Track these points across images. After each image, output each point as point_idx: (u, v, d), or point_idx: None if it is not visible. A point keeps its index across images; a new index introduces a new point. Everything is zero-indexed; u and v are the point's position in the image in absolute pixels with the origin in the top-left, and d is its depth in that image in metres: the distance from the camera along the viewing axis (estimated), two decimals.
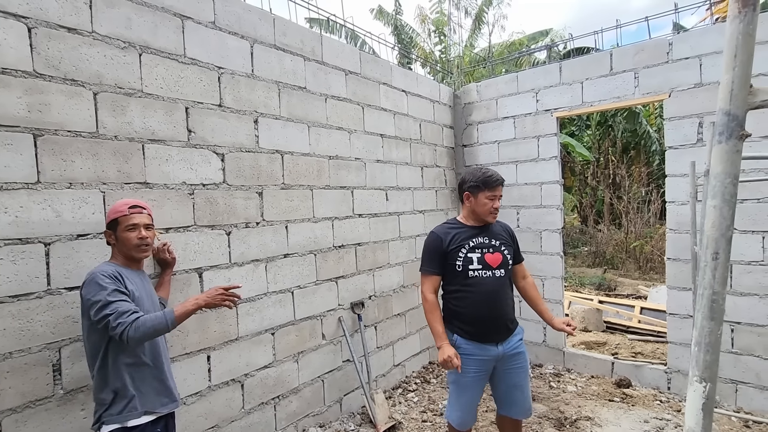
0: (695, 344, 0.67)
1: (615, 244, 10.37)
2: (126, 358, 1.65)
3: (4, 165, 1.78)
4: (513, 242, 2.35)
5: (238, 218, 2.66)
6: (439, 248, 2.22)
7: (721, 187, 0.63)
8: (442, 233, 2.25)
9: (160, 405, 1.73)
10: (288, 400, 2.95)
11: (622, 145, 12.20)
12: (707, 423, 0.67)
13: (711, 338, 0.65)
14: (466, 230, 2.24)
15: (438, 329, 2.17)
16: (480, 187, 2.19)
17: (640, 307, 5.63)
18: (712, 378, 0.66)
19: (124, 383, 1.64)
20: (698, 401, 0.66)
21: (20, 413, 1.80)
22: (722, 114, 0.63)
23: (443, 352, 2.09)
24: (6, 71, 1.78)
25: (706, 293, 0.65)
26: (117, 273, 1.66)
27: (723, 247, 0.63)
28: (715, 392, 0.67)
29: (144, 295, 1.76)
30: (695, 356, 0.67)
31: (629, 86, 3.72)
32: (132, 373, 1.66)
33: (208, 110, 2.52)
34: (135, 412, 1.64)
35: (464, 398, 2.19)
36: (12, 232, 1.79)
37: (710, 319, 0.65)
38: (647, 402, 3.43)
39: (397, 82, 4.03)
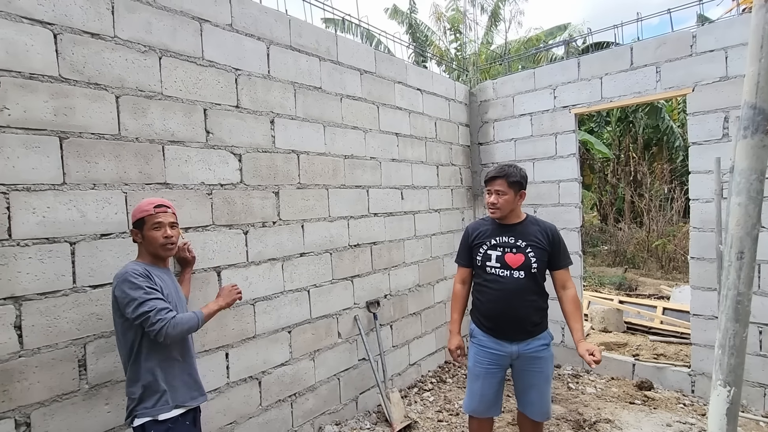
0: (719, 347, 0.65)
1: (636, 242, 10.12)
2: (158, 355, 1.70)
3: (32, 167, 1.84)
4: (551, 245, 2.17)
5: (255, 218, 2.69)
6: (466, 242, 2.35)
7: (747, 183, 0.60)
8: (471, 228, 2.37)
9: (190, 398, 1.79)
10: (304, 398, 2.98)
11: (643, 141, 11.89)
12: (732, 428, 0.65)
13: (735, 341, 0.63)
14: (492, 227, 2.26)
15: (453, 316, 2.38)
16: (484, 183, 2.27)
17: (662, 308, 5.48)
18: (737, 382, 0.64)
19: (155, 378, 1.69)
20: (722, 406, 0.64)
21: (48, 407, 1.86)
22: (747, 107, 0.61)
23: (450, 341, 2.35)
24: (33, 76, 1.84)
25: (731, 294, 0.63)
26: (146, 271, 1.70)
27: (748, 245, 0.60)
28: (740, 397, 0.65)
29: (172, 292, 1.80)
30: (719, 359, 0.65)
31: (650, 81, 3.62)
32: (164, 368, 1.71)
33: (226, 111, 2.56)
34: (166, 406, 1.69)
35: (476, 387, 2.25)
36: (40, 231, 1.85)
37: (735, 320, 0.63)
38: (670, 405, 3.34)
39: (412, 80, 4.01)
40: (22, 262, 1.80)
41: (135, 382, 1.69)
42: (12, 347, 1.78)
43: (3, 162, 1.76)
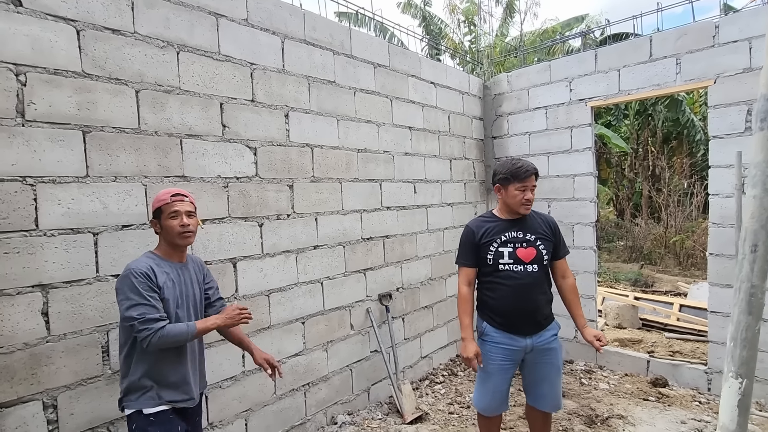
0: (731, 339, 0.65)
1: (653, 238, 9.94)
2: (150, 356, 1.67)
3: (57, 160, 1.91)
4: (554, 236, 2.25)
5: (269, 210, 2.74)
6: (472, 241, 2.23)
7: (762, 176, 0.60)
8: (475, 226, 2.26)
9: (177, 398, 1.73)
10: (317, 388, 3.04)
11: (662, 135, 11.62)
12: (743, 420, 0.65)
13: (748, 333, 0.63)
14: (499, 224, 2.22)
15: (465, 321, 2.19)
16: (509, 179, 2.16)
17: (679, 305, 5.39)
18: (749, 374, 0.64)
19: (144, 375, 1.67)
20: (733, 398, 0.65)
21: (74, 390, 1.94)
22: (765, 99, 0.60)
23: (467, 349, 2.14)
24: (58, 72, 1.90)
25: (744, 287, 0.63)
26: (150, 269, 1.67)
27: (763, 239, 0.60)
28: (751, 389, 0.65)
29: (180, 289, 1.76)
30: (731, 352, 0.65)
31: (670, 73, 3.54)
32: (154, 367, 1.68)
33: (242, 105, 2.60)
34: (151, 402, 1.68)
35: (489, 384, 2.22)
36: (65, 222, 1.92)
37: (748, 313, 0.63)
38: (685, 402, 3.30)
39: (425, 74, 4.00)
40: (49, 251, 1.88)
41: (124, 377, 1.70)
42: (40, 333, 1.85)
43: (30, 155, 1.83)
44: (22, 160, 1.81)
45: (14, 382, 1.79)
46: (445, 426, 3.10)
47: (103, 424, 2.02)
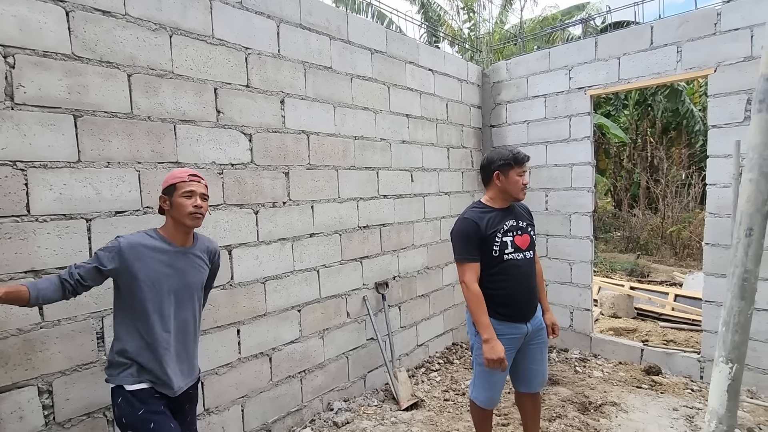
0: (723, 324, 0.65)
1: (650, 229, 9.97)
2: (129, 334, 1.66)
3: (48, 145, 1.88)
4: (533, 222, 2.34)
5: (265, 198, 2.72)
6: (477, 233, 2.10)
7: (759, 159, 0.59)
8: (476, 218, 2.15)
9: (156, 382, 1.69)
10: (314, 375, 3.05)
11: (661, 125, 11.58)
12: (732, 405, 0.65)
13: (740, 318, 0.63)
14: (497, 213, 2.18)
15: (485, 321, 2.05)
16: (510, 164, 2.13)
17: (674, 294, 5.43)
18: (740, 359, 0.64)
19: (124, 351, 1.66)
20: (723, 382, 0.64)
21: (69, 376, 1.95)
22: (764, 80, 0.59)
23: (495, 350, 2.00)
24: (47, 54, 1.87)
25: (738, 271, 0.62)
26: (128, 248, 1.62)
27: (758, 222, 0.59)
28: (741, 374, 0.65)
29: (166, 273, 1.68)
30: (722, 336, 0.65)
31: (671, 61, 3.51)
32: (134, 346, 1.66)
33: (236, 91, 2.56)
34: (130, 378, 1.65)
35: (495, 378, 2.19)
36: (57, 208, 1.90)
37: (740, 298, 0.62)
38: (677, 390, 3.34)
39: (423, 60, 3.95)
40: (41, 237, 1.86)
41: (112, 347, 1.70)
42: (33, 318, 1.85)
43: (20, 139, 1.80)
44: (11, 144, 1.78)
45: (8, 368, 1.79)
46: (440, 412, 3.13)
47: (99, 409, 2.03)
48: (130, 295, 1.65)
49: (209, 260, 1.88)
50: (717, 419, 0.66)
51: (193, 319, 1.79)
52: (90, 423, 2.01)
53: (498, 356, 1.99)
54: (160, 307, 1.67)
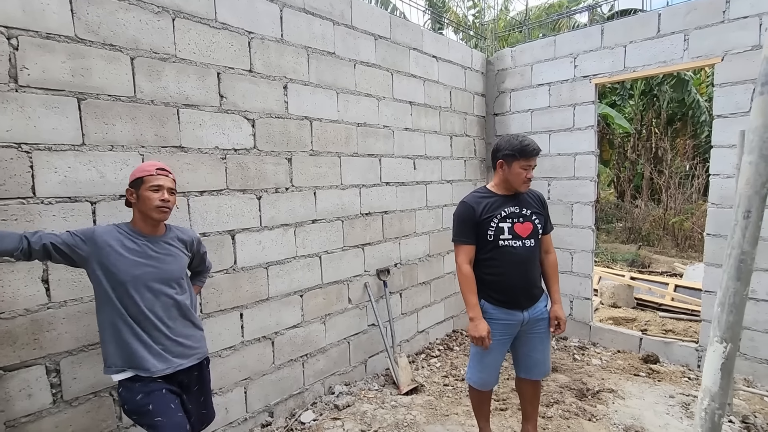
0: (719, 304, 0.66)
1: (652, 220, 9.95)
2: (108, 327, 1.68)
3: (53, 127, 1.89)
4: (544, 211, 2.29)
5: (268, 183, 2.73)
6: (472, 217, 2.17)
7: (760, 141, 0.59)
8: (473, 202, 2.21)
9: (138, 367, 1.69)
10: (315, 359, 3.10)
11: (667, 116, 11.47)
12: (725, 383, 0.66)
13: (735, 299, 0.64)
14: (497, 199, 2.20)
15: (472, 300, 2.15)
16: (515, 156, 2.13)
17: (674, 285, 5.45)
18: (734, 339, 0.65)
19: (104, 338, 1.70)
20: (717, 361, 0.66)
21: (75, 356, 1.99)
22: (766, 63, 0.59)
23: (478, 328, 2.10)
24: (50, 36, 1.86)
25: (734, 253, 0.63)
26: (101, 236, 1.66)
27: (756, 204, 0.60)
28: (735, 353, 0.66)
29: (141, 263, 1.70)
30: (717, 316, 0.66)
31: (677, 49, 3.47)
32: (113, 330, 1.68)
33: (239, 75, 2.55)
34: (113, 368, 1.69)
35: (487, 360, 2.25)
36: (62, 190, 1.92)
37: (736, 279, 0.63)
38: (674, 378, 3.38)
39: (427, 47, 3.92)
40: (47, 219, 1.88)
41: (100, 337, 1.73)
42: (41, 299, 1.88)
43: (24, 121, 1.81)
44: (16, 127, 1.79)
45: (17, 347, 1.82)
46: (440, 397, 3.19)
47: (105, 388, 2.08)
48: (103, 287, 1.67)
49: (187, 248, 1.91)
50: (710, 397, 0.68)
51: (176, 304, 1.79)
52: (96, 402, 2.05)
53: (479, 335, 2.10)
54: (134, 297, 1.67)
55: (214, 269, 2.48)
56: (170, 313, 1.78)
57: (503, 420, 2.84)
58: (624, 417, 2.84)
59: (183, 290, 1.85)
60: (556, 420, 2.80)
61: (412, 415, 2.91)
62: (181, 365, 1.78)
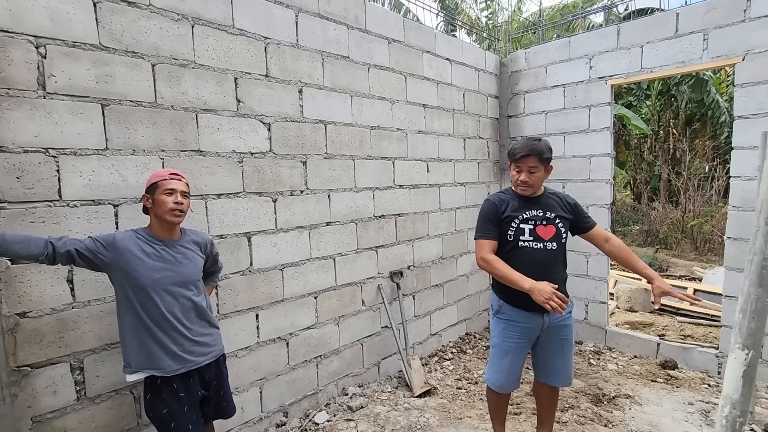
0: (740, 311, 0.66)
1: (670, 222, 9.75)
2: (129, 319, 1.75)
3: (78, 132, 1.95)
4: (573, 213, 2.24)
5: (283, 186, 2.77)
6: (495, 215, 2.19)
7: None
8: (497, 201, 2.23)
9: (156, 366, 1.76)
10: (329, 360, 3.12)
11: (685, 116, 11.24)
12: (747, 390, 0.66)
13: (758, 305, 0.63)
14: (519, 201, 2.21)
15: (515, 275, 2.02)
16: (509, 159, 2.20)
17: (693, 289, 5.34)
18: (755, 345, 0.65)
19: (125, 340, 1.78)
20: (739, 368, 0.66)
21: (98, 354, 2.04)
22: None
23: (543, 291, 1.90)
24: (76, 44, 1.93)
25: (756, 259, 0.63)
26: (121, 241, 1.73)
27: None
28: (757, 360, 0.66)
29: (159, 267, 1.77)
30: (739, 323, 0.66)
31: (696, 49, 3.41)
32: (134, 332, 1.76)
33: (256, 80, 2.60)
34: (129, 368, 1.77)
35: (505, 362, 2.23)
36: (86, 193, 1.98)
37: (758, 285, 0.63)
38: (694, 385, 3.31)
39: (441, 50, 3.92)
40: (72, 221, 1.94)
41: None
42: (65, 299, 1.94)
43: (52, 127, 1.88)
44: (44, 132, 1.86)
45: (43, 345, 1.88)
46: (453, 400, 3.18)
47: (125, 387, 2.13)
48: (124, 291, 1.74)
49: (202, 251, 1.97)
50: (731, 404, 0.67)
51: (194, 306, 1.86)
52: (118, 399, 2.11)
53: (548, 295, 1.88)
54: (155, 299, 1.74)
55: (231, 271, 2.53)
56: (189, 315, 1.84)
57: (517, 424, 2.82)
58: (641, 423, 2.79)
59: (199, 291, 1.92)
60: (571, 425, 2.77)
61: (425, 418, 2.91)
62: (197, 363, 1.85)
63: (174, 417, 1.76)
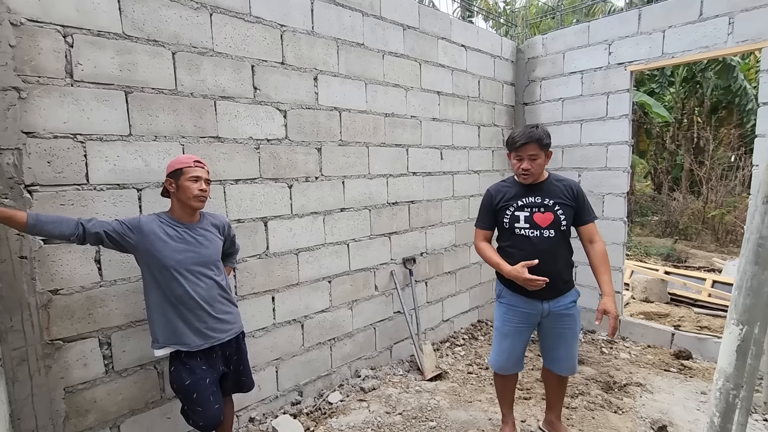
0: (736, 288, 0.68)
1: (691, 213, 9.53)
2: (154, 298, 1.87)
3: (103, 119, 2.03)
4: (576, 201, 2.20)
5: (298, 172, 2.83)
6: (490, 205, 2.29)
7: None
8: (494, 191, 2.30)
9: (182, 342, 1.88)
10: (342, 343, 3.21)
11: (710, 104, 10.87)
12: (740, 364, 0.68)
13: (753, 282, 0.65)
14: (517, 189, 2.22)
15: (497, 259, 2.20)
16: (508, 148, 2.19)
17: (712, 280, 5.25)
18: (750, 321, 0.67)
19: (151, 317, 1.90)
20: (733, 343, 0.68)
21: (124, 331, 2.15)
22: None
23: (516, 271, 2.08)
24: (101, 33, 2.00)
25: (753, 238, 0.64)
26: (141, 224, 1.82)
27: None
28: (751, 336, 0.68)
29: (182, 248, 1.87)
30: (734, 300, 0.68)
31: (721, 33, 3.31)
32: (160, 310, 1.87)
33: (272, 68, 2.64)
34: (157, 344, 1.90)
35: (504, 344, 2.29)
36: (112, 178, 2.07)
37: (754, 263, 0.65)
38: (707, 375, 3.29)
39: (456, 36, 3.89)
40: (99, 204, 2.04)
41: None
42: (94, 278, 2.05)
43: (79, 114, 1.96)
44: (72, 119, 1.94)
45: (74, 320, 2.00)
46: (463, 384, 3.24)
47: (150, 362, 2.24)
48: (150, 271, 1.85)
49: (221, 233, 2.07)
50: (724, 377, 0.70)
51: (217, 285, 1.97)
52: (143, 374, 2.22)
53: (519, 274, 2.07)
54: (179, 279, 1.85)
55: (249, 254, 2.61)
56: (212, 293, 1.94)
57: (527, 408, 2.87)
58: (651, 411, 2.80)
59: (220, 272, 2.02)
60: (580, 411, 2.80)
61: (436, 400, 2.98)
62: (220, 339, 1.96)
63: (196, 388, 1.87)
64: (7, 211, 1.59)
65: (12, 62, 1.78)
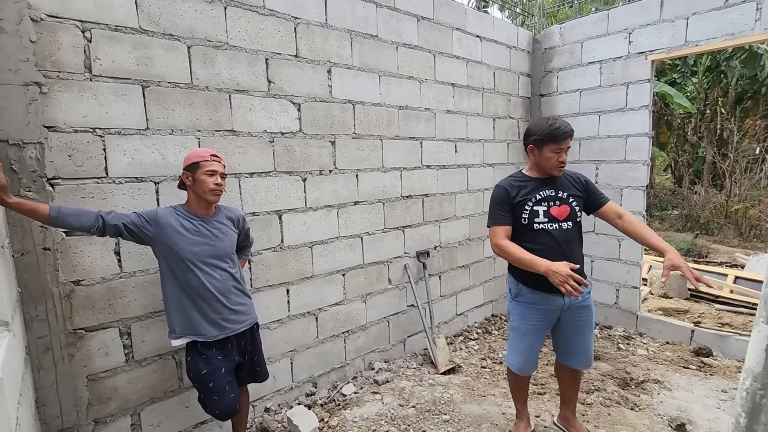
0: (765, 285, 0.65)
1: (713, 207, 9.27)
2: (172, 289, 1.91)
3: (121, 113, 2.06)
4: (585, 191, 2.21)
5: (312, 166, 2.83)
6: (506, 200, 2.17)
7: None
8: (507, 186, 2.21)
9: (198, 333, 1.92)
10: (356, 335, 3.22)
11: (735, 94, 10.50)
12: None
13: None
14: (531, 183, 2.19)
15: (528, 257, 2.01)
16: (544, 140, 2.09)
17: (734, 276, 5.10)
18: None
19: (168, 308, 1.94)
20: (762, 342, 0.65)
21: (144, 321, 2.20)
22: None
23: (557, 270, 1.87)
24: (118, 28, 2.02)
25: None
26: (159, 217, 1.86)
27: None
28: None
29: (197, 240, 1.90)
30: (765, 297, 0.65)
31: (748, 20, 3.18)
32: (177, 301, 1.91)
33: (286, 61, 2.64)
34: (174, 334, 1.94)
35: (524, 344, 2.25)
36: (130, 171, 2.11)
37: None
38: (728, 373, 3.21)
39: (471, 27, 3.83)
40: (118, 197, 2.08)
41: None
42: (114, 269, 2.09)
43: (98, 108, 1.99)
44: (91, 113, 1.98)
45: (96, 311, 2.05)
46: (477, 378, 3.23)
47: (168, 352, 2.29)
48: (167, 263, 1.89)
49: (235, 226, 2.09)
50: (752, 377, 0.67)
51: (232, 277, 2.01)
52: (162, 363, 2.27)
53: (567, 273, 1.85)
54: (195, 271, 1.89)
55: (263, 247, 2.63)
56: (227, 285, 1.97)
57: (541, 404, 2.84)
58: (669, 408, 2.76)
59: (234, 264, 2.05)
60: (596, 407, 2.77)
61: (449, 394, 2.98)
62: (235, 330, 2.00)
63: (212, 378, 1.90)
64: (31, 204, 1.63)
65: (33, 57, 1.82)
